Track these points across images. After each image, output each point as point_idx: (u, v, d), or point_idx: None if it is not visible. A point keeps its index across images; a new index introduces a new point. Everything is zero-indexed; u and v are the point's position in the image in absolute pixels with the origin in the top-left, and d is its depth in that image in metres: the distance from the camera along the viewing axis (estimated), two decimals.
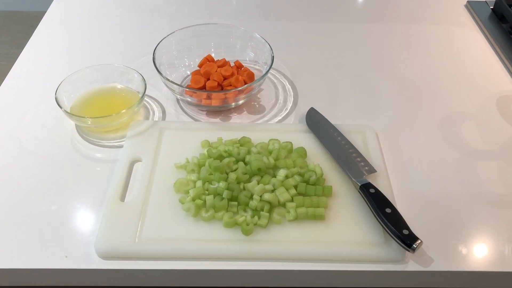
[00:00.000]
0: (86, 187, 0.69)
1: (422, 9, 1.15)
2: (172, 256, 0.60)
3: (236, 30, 0.91)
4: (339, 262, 0.60)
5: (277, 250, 0.60)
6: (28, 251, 0.60)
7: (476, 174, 0.73)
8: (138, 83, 0.80)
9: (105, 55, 0.95)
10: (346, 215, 0.65)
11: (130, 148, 0.73)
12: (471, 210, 0.68)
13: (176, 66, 0.89)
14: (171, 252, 0.59)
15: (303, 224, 0.63)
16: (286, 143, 0.73)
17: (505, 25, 1.06)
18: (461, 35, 1.06)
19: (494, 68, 0.96)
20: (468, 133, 0.81)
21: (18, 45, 2.28)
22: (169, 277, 0.60)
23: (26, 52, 0.95)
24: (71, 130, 0.78)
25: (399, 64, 0.96)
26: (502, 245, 0.63)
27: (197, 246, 0.60)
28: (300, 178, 0.67)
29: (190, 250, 0.60)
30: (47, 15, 1.06)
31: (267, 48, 0.85)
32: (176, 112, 0.82)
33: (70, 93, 0.79)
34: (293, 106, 0.84)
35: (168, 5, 1.13)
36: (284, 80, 0.91)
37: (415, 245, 0.57)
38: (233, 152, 0.69)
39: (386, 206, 0.61)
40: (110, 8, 1.10)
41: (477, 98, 0.88)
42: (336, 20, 1.10)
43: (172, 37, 0.87)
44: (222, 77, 0.82)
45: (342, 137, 0.75)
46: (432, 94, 0.89)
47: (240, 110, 0.83)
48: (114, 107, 0.77)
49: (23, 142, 0.75)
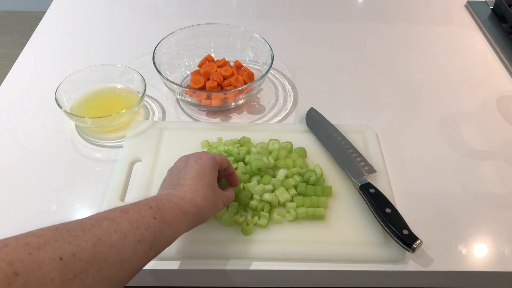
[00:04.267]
0: (86, 187, 0.69)
1: (422, 9, 1.15)
2: (172, 256, 0.59)
3: (236, 30, 0.91)
4: (339, 262, 0.60)
5: (277, 250, 0.60)
6: None
7: (476, 174, 0.73)
8: (138, 83, 0.80)
9: (105, 55, 0.95)
10: (346, 215, 0.65)
11: (130, 148, 0.73)
12: (471, 210, 0.68)
13: (176, 66, 0.89)
14: (171, 252, 0.59)
15: (303, 224, 0.63)
16: (286, 143, 0.73)
17: (505, 25, 1.06)
18: (461, 35, 1.06)
19: (494, 68, 0.96)
20: (468, 133, 0.81)
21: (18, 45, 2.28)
22: (169, 277, 0.60)
23: (26, 52, 0.95)
24: (71, 130, 0.78)
25: (399, 64, 0.96)
26: (502, 245, 0.63)
27: (197, 246, 0.60)
28: (300, 178, 0.67)
29: (189, 250, 0.60)
30: (47, 15, 1.06)
31: (267, 48, 0.85)
32: (176, 112, 0.82)
33: (70, 93, 0.79)
34: (293, 106, 0.84)
35: (168, 5, 1.13)
36: (284, 80, 0.91)
37: (415, 245, 0.57)
38: (233, 152, 0.69)
39: (386, 206, 0.61)
40: (110, 8, 1.10)
41: (477, 98, 0.88)
42: (336, 20, 1.10)
43: (172, 37, 0.87)
44: (222, 77, 0.82)
45: (342, 137, 0.75)
46: (432, 94, 0.89)
47: (240, 110, 0.83)
48: (114, 107, 0.77)
49: (23, 142, 0.75)
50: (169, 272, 0.59)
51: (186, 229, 0.51)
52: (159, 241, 0.46)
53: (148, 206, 0.47)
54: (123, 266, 0.41)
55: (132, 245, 0.42)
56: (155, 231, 0.45)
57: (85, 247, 0.38)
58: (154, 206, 0.47)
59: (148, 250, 0.44)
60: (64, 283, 0.36)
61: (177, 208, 0.49)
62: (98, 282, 0.39)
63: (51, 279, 0.35)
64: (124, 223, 0.43)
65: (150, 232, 0.45)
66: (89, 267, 0.38)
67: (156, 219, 0.46)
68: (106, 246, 0.40)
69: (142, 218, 0.45)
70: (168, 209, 0.48)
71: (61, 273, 0.36)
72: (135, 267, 0.43)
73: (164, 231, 0.47)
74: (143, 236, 0.44)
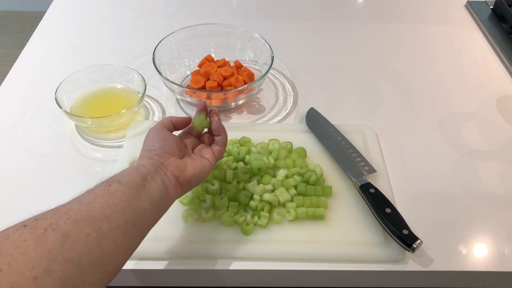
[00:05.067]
0: (86, 187, 0.68)
1: (422, 9, 1.15)
2: (171, 256, 0.60)
3: (236, 30, 0.91)
4: (339, 262, 0.60)
5: (277, 250, 0.60)
6: None
7: (476, 174, 0.73)
8: (138, 83, 0.80)
9: (105, 55, 0.95)
10: (346, 215, 0.65)
11: (130, 148, 0.73)
12: (471, 210, 0.68)
13: (176, 66, 0.89)
14: (171, 252, 0.59)
15: (303, 224, 0.63)
16: (286, 143, 0.73)
17: (505, 25, 1.06)
18: (461, 35, 1.06)
19: (494, 68, 0.96)
20: (468, 133, 0.81)
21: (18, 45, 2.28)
22: (168, 277, 0.60)
23: (26, 52, 0.95)
24: (71, 130, 0.78)
25: (399, 64, 0.96)
26: (502, 245, 0.63)
27: (197, 246, 0.60)
28: (300, 178, 0.67)
29: (189, 250, 0.60)
30: (47, 15, 1.06)
31: (267, 48, 0.85)
32: (176, 112, 0.82)
33: (70, 93, 0.79)
34: (293, 106, 0.84)
35: (168, 5, 1.13)
36: (284, 80, 0.91)
37: (415, 245, 0.57)
38: (233, 152, 0.69)
39: (386, 206, 0.61)
40: (110, 8, 1.10)
41: (477, 98, 0.88)
42: (336, 20, 1.10)
43: (172, 37, 0.87)
44: (222, 77, 0.82)
45: (342, 137, 0.75)
46: (432, 94, 0.89)
47: (240, 110, 0.83)
48: (114, 107, 0.77)
49: (23, 142, 0.75)
50: (169, 272, 0.59)
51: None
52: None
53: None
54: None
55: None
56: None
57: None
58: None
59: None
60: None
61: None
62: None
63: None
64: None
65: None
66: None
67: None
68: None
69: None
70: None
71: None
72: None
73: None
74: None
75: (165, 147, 0.54)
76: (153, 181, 0.49)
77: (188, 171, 0.53)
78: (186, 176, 0.53)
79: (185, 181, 0.53)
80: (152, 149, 0.54)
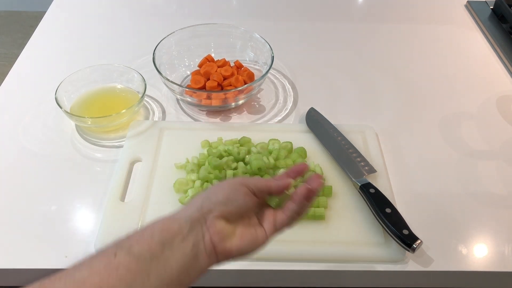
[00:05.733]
0: (86, 187, 0.69)
1: (422, 9, 1.15)
2: None
3: (236, 30, 0.91)
4: (339, 262, 0.60)
5: (277, 250, 0.60)
6: (28, 251, 0.60)
7: (476, 174, 0.73)
8: (138, 83, 0.80)
9: (105, 55, 0.95)
10: (346, 215, 0.64)
11: (130, 148, 0.73)
12: (471, 210, 0.68)
13: (176, 66, 0.89)
14: None
15: (303, 224, 0.63)
16: (286, 143, 0.73)
17: (505, 25, 1.06)
18: (461, 35, 1.06)
19: (494, 68, 0.96)
20: (468, 133, 0.81)
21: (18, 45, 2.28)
22: None
23: (26, 52, 0.95)
24: (71, 130, 0.78)
25: (399, 64, 0.96)
26: (502, 245, 0.63)
27: None
28: (300, 178, 0.67)
29: None
30: (47, 15, 1.06)
31: (267, 48, 0.85)
32: (176, 112, 0.82)
33: (70, 93, 0.79)
34: (293, 106, 0.84)
35: (168, 5, 1.13)
36: (284, 80, 0.91)
37: (415, 245, 0.57)
38: (233, 152, 0.69)
39: (386, 206, 0.61)
40: (110, 8, 1.10)
41: (477, 98, 0.88)
42: (336, 20, 1.10)
43: (172, 37, 0.87)
44: (222, 77, 0.82)
45: (342, 137, 0.75)
46: (432, 94, 0.89)
47: (240, 110, 0.83)
48: (114, 107, 0.77)
49: (23, 142, 0.75)
50: None
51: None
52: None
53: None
54: None
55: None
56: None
57: None
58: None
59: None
60: None
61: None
62: None
63: None
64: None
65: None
66: None
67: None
68: None
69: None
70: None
71: None
72: None
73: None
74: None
75: (231, 201, 0.42)
76: (180, 245, 0.39)
77: (232, 241, 0.41)
78: (227, 248, 0.41)
79: (224, 252, 0.41)
80: (208, 198, 0.42)
